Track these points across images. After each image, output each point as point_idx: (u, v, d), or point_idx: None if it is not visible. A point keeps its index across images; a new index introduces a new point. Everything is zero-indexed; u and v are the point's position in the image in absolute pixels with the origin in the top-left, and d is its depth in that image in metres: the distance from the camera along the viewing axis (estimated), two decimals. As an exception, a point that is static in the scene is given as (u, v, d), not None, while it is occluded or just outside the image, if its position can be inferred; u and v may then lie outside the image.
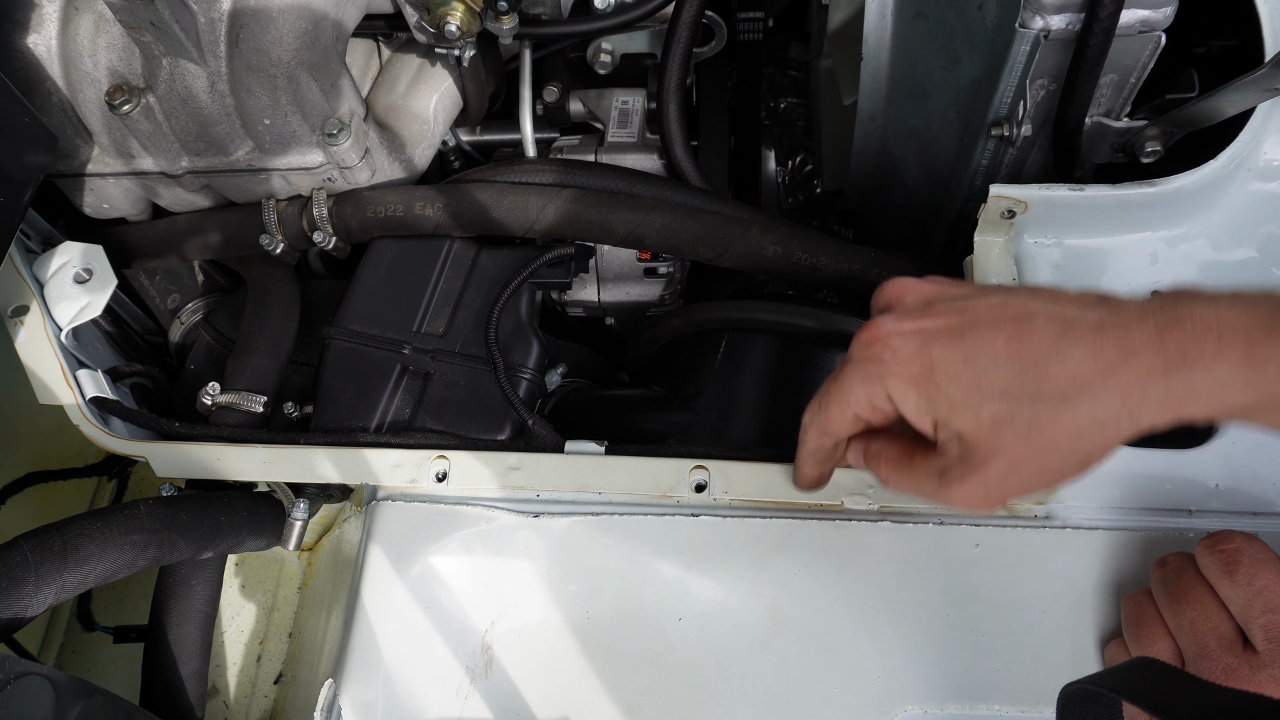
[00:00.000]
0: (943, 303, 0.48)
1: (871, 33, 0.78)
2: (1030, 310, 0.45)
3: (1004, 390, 0.44)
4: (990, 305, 0.46)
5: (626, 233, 0.79)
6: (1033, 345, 0.44)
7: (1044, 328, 0.44)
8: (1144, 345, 0.42)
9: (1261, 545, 0.51)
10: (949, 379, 0.45)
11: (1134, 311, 0.43)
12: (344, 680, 0.62)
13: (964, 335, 0.45)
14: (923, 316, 0.47)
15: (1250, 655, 0.49)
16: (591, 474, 0.67)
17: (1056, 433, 0.44)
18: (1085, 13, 0.62)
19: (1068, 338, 0.43)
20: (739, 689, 0.60)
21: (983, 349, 0.44)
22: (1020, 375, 0.43)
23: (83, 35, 0.74)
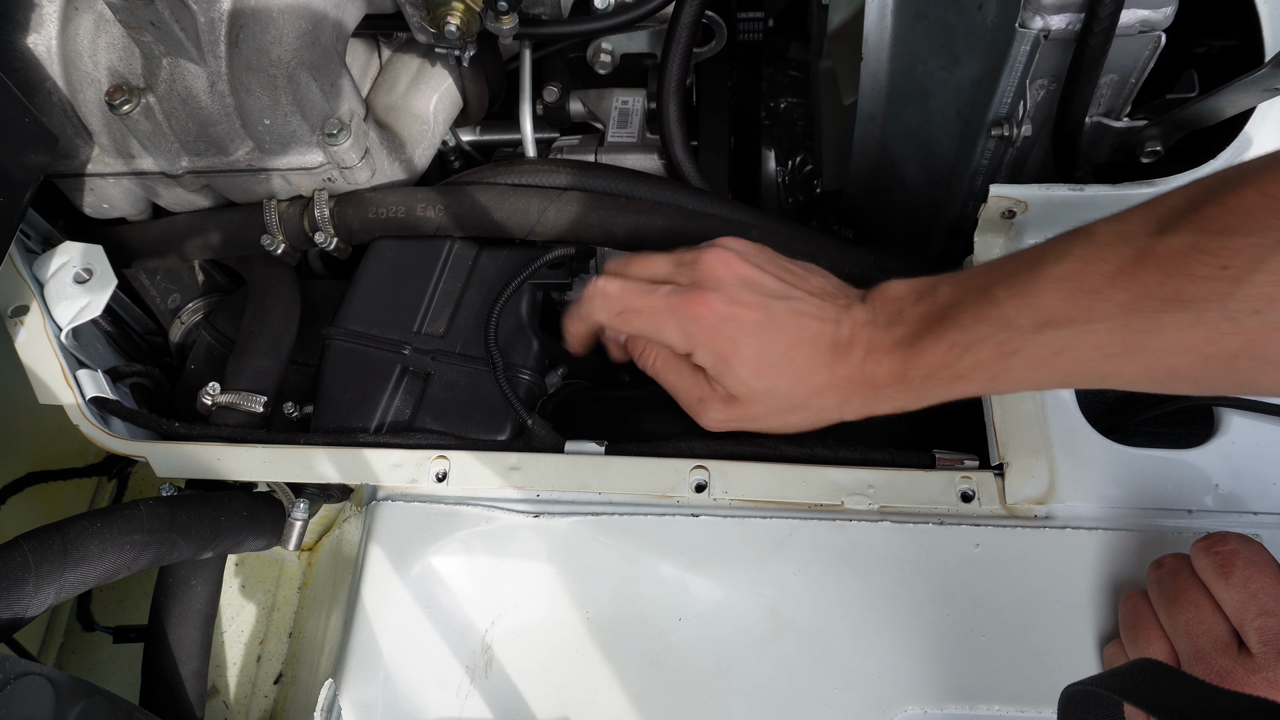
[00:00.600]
0: (753, 293, 0.59)
1: (871, 33, 0.78)
2: (807, 323, 0.58)
3: (773, 383, 0.58)
4: (786, 313, 0.58)
5: (627, 235, 0.79)
6: (801, 356, 0.57)
7: (809, 341, 0.57)
8: (854, 368, 0.56)
9: (1258, 547, 0.51)
10: (741, 362, 0.58)
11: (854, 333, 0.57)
12: (344, 680, 0.62)
13: (764, 332, 0.58)
14: (739, 304, 0.58)
15: (1245, 658, 0.48)
16: (591, 474, 0.67)
17: (792, 415, 0.59)
18: (1085, 13, 0.62)
19: (818, 354, 0.57)
20: (739, 689, 0.60)
21: (774, 349, 0.57)
22: (785, 376, 0.57)
23: (83, 35, 0.74)
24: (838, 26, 0.90)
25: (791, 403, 0.59)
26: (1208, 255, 0.43)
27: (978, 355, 0.52)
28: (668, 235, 0.78)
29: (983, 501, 0.63)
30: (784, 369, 0.58)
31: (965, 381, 0.53)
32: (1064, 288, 0.48)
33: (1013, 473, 0.63)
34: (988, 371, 0.52)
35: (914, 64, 0.78)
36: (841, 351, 0.57)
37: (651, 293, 0.61)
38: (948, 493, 0.63)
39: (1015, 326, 0.50)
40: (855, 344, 0.57)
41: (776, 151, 1.07)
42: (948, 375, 0.53)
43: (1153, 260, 0.45)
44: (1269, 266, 0.41)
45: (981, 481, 0.63)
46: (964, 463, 0.65)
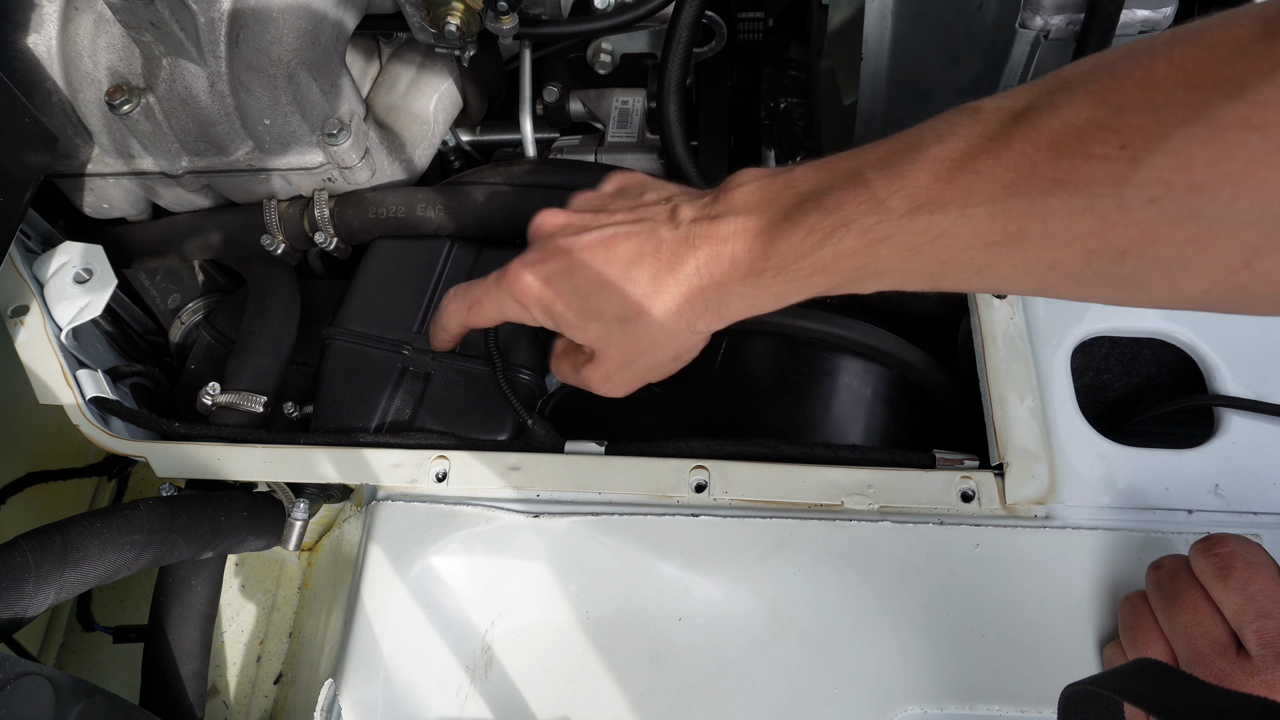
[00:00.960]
0: (563, 238, 0.57)
1: (871, 33, 0.78)
2: (617, 240, 0.55)
3: (598, 312, 0.56)
4: (592, 239, 0.56)
5: None
6: (614, 274, 0.54)
7: (623, 256, 0.54)
8: (686, 269, 0.52)
9: (1257, 549, 0.51)
10: (565, 307, 0.57)
11: (686, 231, 0.52)
12: (344, 680, 0.62)
13: (571, 272, 0.56)
14: (546, 254, 0.57)
15: (1243, 661, 0.48)
16: (591, 474, 0.67)
17: (641, 342, 0.56)
18: (1085, 13, 0.62)
19: (636, 264, 0.54)
20: (739, 689, 0.60)
21: (584, 281, 0.55)
22: (606, 301, 0.55)
23: (83, 35, 0.74)
24: (838, 26, 0.90)
25: (635, 333, 0.55)
26: (1106, 132, 0.38)
27: (841, 242, 0.47)
28: None
29: (983, 501, 0.63)
30: (605, 296, 0.55)
31: (827, 274, 0.48)
32: (943, 168, 0.43)
33: (1013, 473, 0.63)
34: (852, 261, 0.47)
35: (914, 64, 0.78)
36: (666, 254, 0.53)
37: (484, 280, 0.62)
38: (948, 493, 0.63)
39: (886, 209, 0.45)
40: (685, 243, 0.52)
41: (776, 151, 1.07)
42: (806, 266, 0.48)
43: (1043, 135, 0.40)
44: (1172, 146, 0.36)
45: (981, 481, 0.63)
46: (964, 463, 0.65)
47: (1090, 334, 0.69)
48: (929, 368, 0.72)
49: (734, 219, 0.51)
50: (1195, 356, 0.68)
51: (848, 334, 0.70)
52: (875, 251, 0.46)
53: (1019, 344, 0.67)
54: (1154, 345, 0.71)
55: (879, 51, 0.79)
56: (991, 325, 0.68)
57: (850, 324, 0.70)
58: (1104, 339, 0.71)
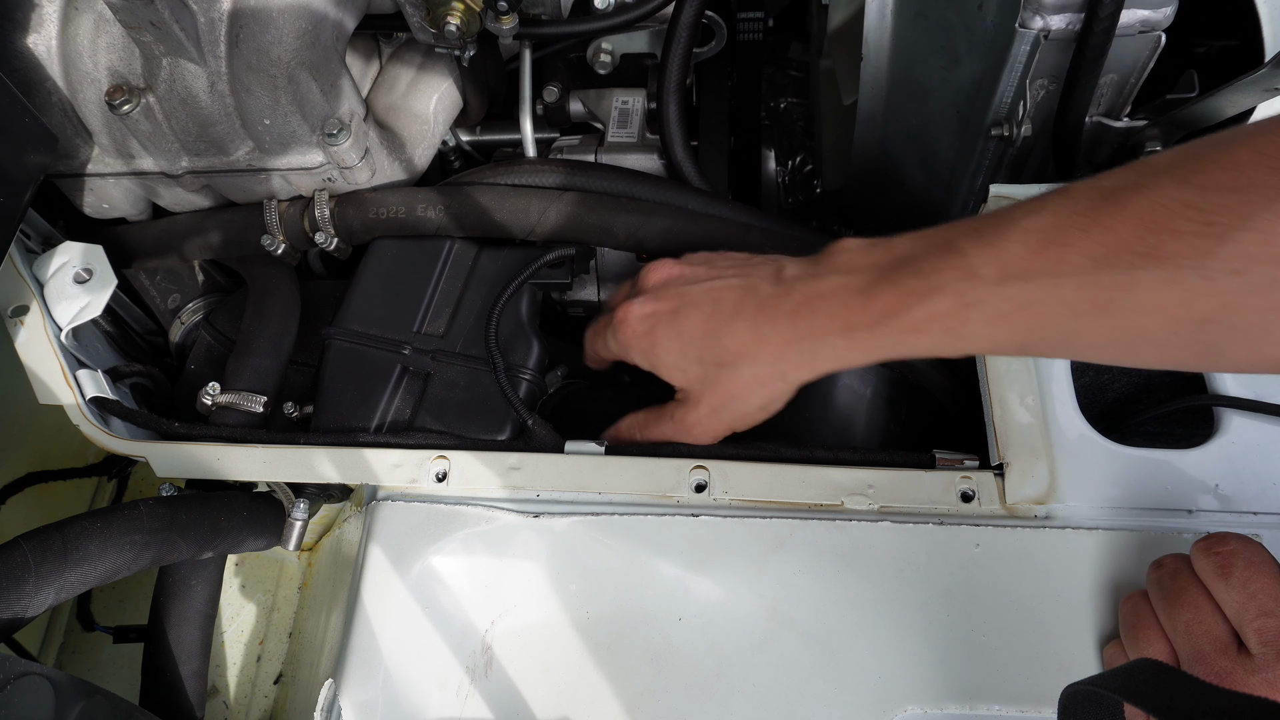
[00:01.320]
0: (672, 286, 0.63)
1: (871, 33, 0.78)
2: (723, 291, 0.60)
3: (699, 357, 0.60)
4: (701, 290, 0.60)
5: (627, 236, 0.79)
6: (718, 322, 0.58)
7: (728, 308, 0.58)
8: (784, 320, 0.56)
9: (1258, 548, 0.51)
10: (665, 350, 0.61)
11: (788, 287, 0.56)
12: (344, 680, 0.62)
13: (677, 316, 0.60)
14: (656, 300, 0.62)
15: (1244, 659, 0.48)
16: (591, 474, 0.67)
17: (734, 387, 0.60)
18: (1085, 13, 0.62)
19: (739, 315, 0.58)
20: (739, 689, 0.60)
21: (689, 327, 0.60)
22: (708, 346, 0.59)
23: (83, 35, 0.74)
24: (838, 26, 0.90)
25: (730, 378, 0.59)
26: (1192, 210, 0.41)
27: (935, 305, 0.49)
28: (667, 236, 0.78)
29: (983, 501, 0.63)
30: (706, 342, 0.59)
31: (919, 335, 0.51)
32: (1034, 240, 0.46)
33: (1013, 473, 0.63)
34: (944, 324, 0.49)
35: (914, 64, 0.78)
36: (769, 306, 0.56)
37: (597, 321, 0.67)
38: (948, 493, 0.63)
39: (979, 276, 0.48)
40: (786, 297, 0.56)
41: (776, 151, 1.07)
42: (899, 325, 0.51)
43: (1132, 213, 0.43)
44: (1256, 224, 0.39)
45: (981, 481, 0.63)
46: (964, 463, 0.65)
47: (1090, 334, 0.69)
48: (928, 367, 0.72)
49: (835, 277, 0.55)
50: (1195, 356, 0.68)
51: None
52: (966, 316, 0.49)
53: (1019, 344, 0.67)
54: (1154, 345, 0.71)
55: (879, 51, 0.79)
56: (991, 325, 0.68)
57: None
58: (1104, 339, 0.71)
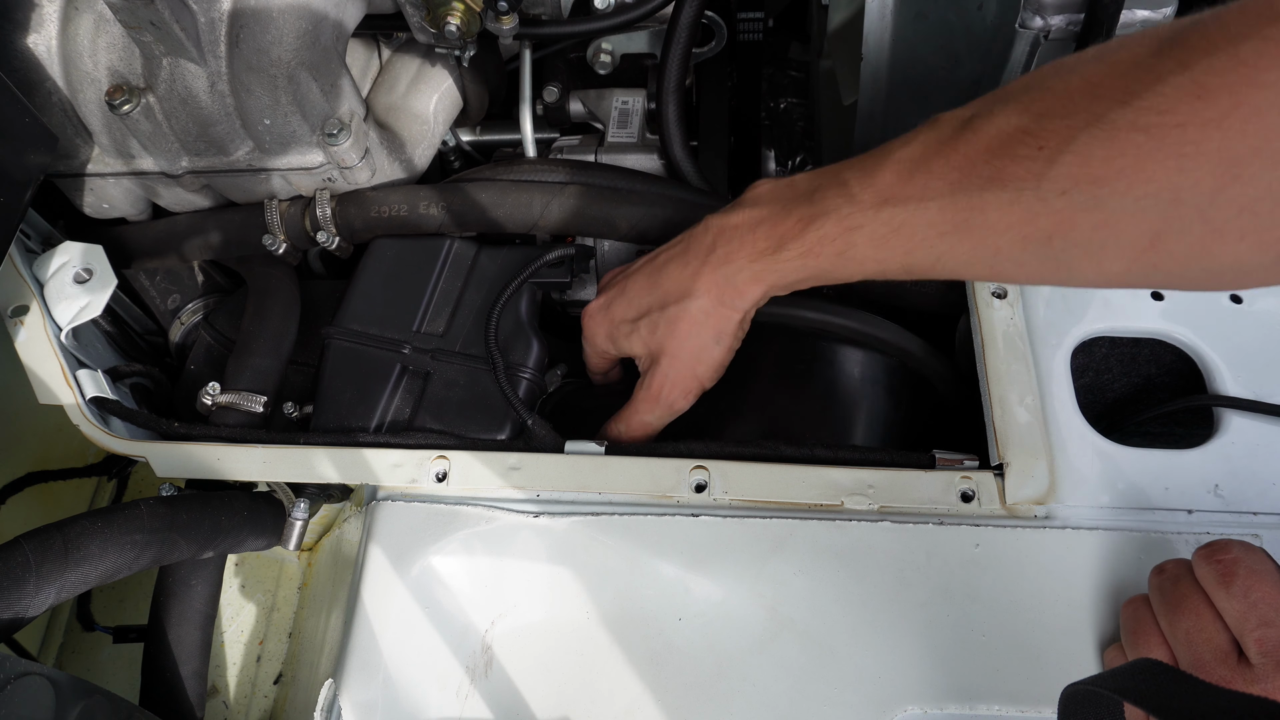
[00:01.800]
0: (619, 275, 0.70)
1: (871, 33, 0.78)
2: (659, 255, 0.66)
3: (645, 310, 0.66)
4: (640, 264, 0.68)
5: (629, 227, 0.79)
6: (654, 275, 0.65)
7: (660, 261, 0.65)
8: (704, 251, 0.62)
9: (1260, 556, 0.51)
10: (621, 319, 0.68)
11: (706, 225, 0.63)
12: (344, 680, 0.62)
13: (624, 291, 0.67)
14: (607, 289, 0.70)
15: (1244, 668, 0.48)
16: (591, 474, 0.67)
17: (682, 324, 0.64)
18: (1085, 13, 0.62)
19: (670, 261, 0.64)
20: (739, 689, 0.60)
21: (633, 291, 0.67)
22: (649, 297, 0.65)
23: (83, 35, 0.74)
24: (838, 26, 0.90)
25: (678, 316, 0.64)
26: (1028, 136, 0.45)
27: (823, 229, 0.56)
28: (669, 227, 0.78)
29: (983, 502, 0.63)
30: (647, 295, 0.65)
31: (814, 258, 0.57)
32: (903, 168, 0.52)
33: (1013, 473, 0.63)
34: (833, 247, 0.55)
35: (914, 64, 0.78)
36: (693, 245, 0.63)
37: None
38: (948, 493, 0.63)
39: (858, 202, 0.54)
40: (705, 233, 0.63)
41: (776, 151, 1.07)
42: (796, 250, 0.57)
43: (981, 139, 0.48)
44: (1077, 147, 0.43)
45: (981, 481, 0.63)
46: (964, 463, 0.65)
47: (1090, 334, 0.69)
48: (927, 355, 0.72)
49: (744, 211, 0.61)
50: (1195, 356, 0.68)
51: (845, 322, 0.70)
52: (851, 239, 0.55)
53: (1019, 344, 0.67)
54: (1154, 345, 0.71)
55: (879, 51, 0.79)
56: (991, 325, 0.68)
57: (848, 312, 0.70)
58: (1104, 339, 0.71)
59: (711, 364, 0.66)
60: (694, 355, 0.65)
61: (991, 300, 0.69)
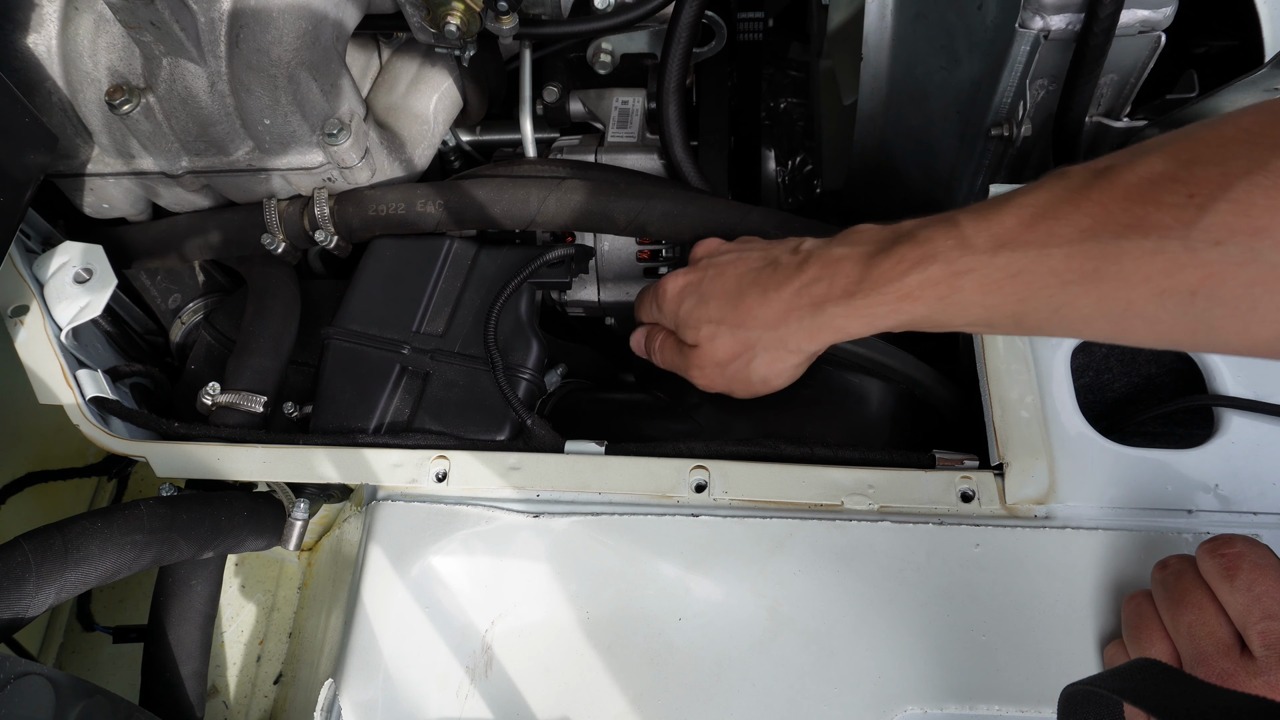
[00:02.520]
0: (708, 259, 0.67)
1: (871, 33, 0.78)
2: (745, 261, 0.64)
3: (718, 319, 0.64)
4: (728, 259, 0.65)
5: (628, 221, 0.79)
6: (737, 288, 0.63)
7: (748, 276, 0.63)
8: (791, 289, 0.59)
9: (1264, 550, 0.51)
10: (686, 311, 0.66)
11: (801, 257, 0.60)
12: (344, 680, 0.62)
13: (702, 283, 0.65)
14: (692, 271, 0.67)
15: (1247, 661, 0.48)
16: (591, 474, 0.67)
17: (737, 346, 0.63)
18: (1085, 13, 0.62)
19: (755, 284, 0.62)
20: (739, 689, 0.60)
21: (709, 289, 0.64)
22: (726, 309, 0.63)
23: (83, 35, 0.74)
24: (838, 26, 0.90)
25: (735, 338, 0.62)
26: (1177, 183, 0.42)
27: (928, 272, 0.52)
28: (667, 219, 0.78)
29: (983, 501, 0.63)
30: (720, 303, 0.63)
31: (913, 301, 0.53)
32: (1026, 214, 0.48)
33: (1012, 473, 0.63)
34: (937, 291, 0.52)
35: (914, 64, 0.78)
36: (780, 275, 0.60)
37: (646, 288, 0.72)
38: (948, 493, 0.63)
39: (971, 246, 0.50)
40: (797, 267, 0.59)
41: (776, 151, 1.07)
42: (894, 292, 0.53)
43: (1119, 186, 0.45)
44: (1234, 195, 0.40)
45: (981, 481, 0.63)
46: (964, 463, 0.65)
47: (1090, 334, 0.69)
48: (935, 384, 0.71)
49: (842, 248, 0.58)
50: (1195, 357, 0.68)
51: (852, 347, 0.69)
52: (958, 283, 0.51)
53: (1019, 344, 0.67)
54: (1154, 345, 0.71)
55: (879, 51, 0.79)
56: (991, 325, 0.68)
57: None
58: (1104, 339, 0.71)
59: (748, 389, 0.66)
60: (735, 378, 0.65)
61: (991, 300, 0.69)
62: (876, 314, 0.55)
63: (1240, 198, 0.40)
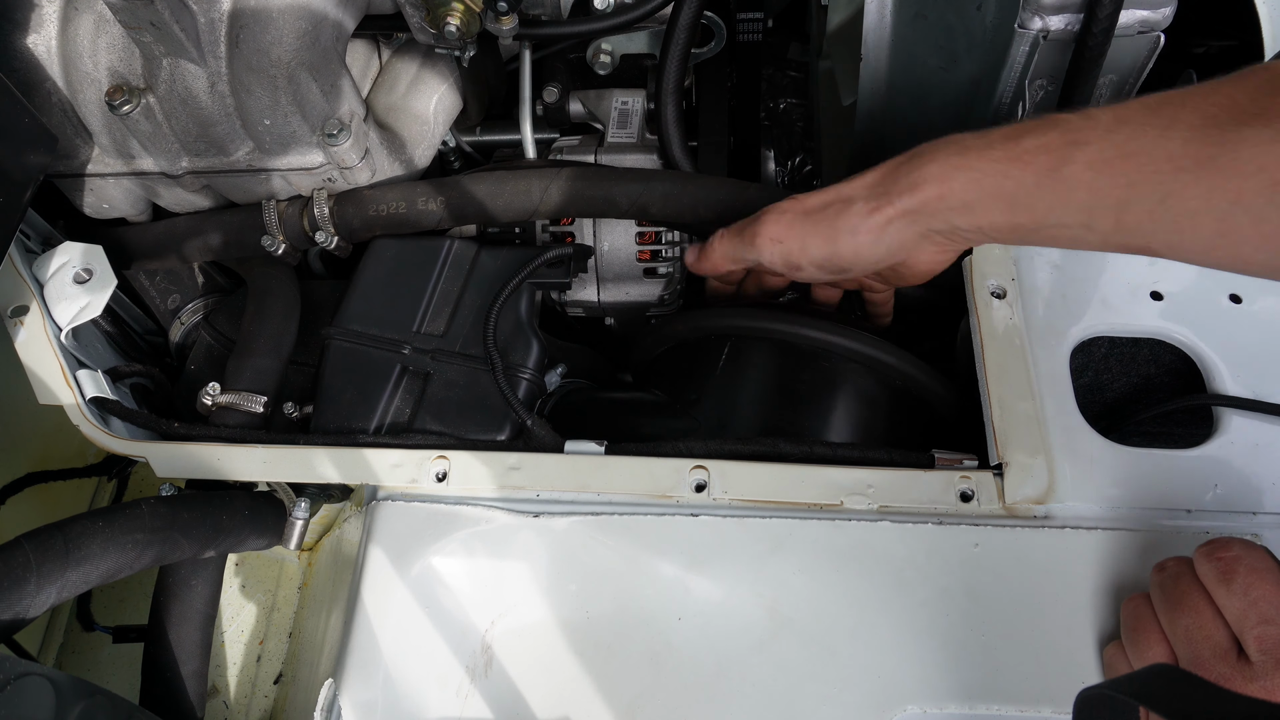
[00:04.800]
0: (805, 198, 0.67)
1: (871, 33, 0.78)
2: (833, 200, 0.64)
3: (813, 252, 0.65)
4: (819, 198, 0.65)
5: (630, 204, 0.79)
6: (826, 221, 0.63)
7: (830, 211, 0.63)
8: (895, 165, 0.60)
9: (1262, 554, 0.51)
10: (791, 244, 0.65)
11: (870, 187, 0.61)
12: (344, 680, 0.62)
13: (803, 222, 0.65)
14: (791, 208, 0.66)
15: (1244, 666, 0.48)
16: (591, 474, 0.67)
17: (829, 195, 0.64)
18: (1084, 13, 0.62)
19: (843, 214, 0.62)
20: (739, 689, 0.60)
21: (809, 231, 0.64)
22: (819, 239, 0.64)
23: (83, 35, 0.74)
24: (837, 27, 0.90)
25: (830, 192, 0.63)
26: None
27: (1043, 136, 0.51)
28: (669, 199, 0.78)
29: (982, 501, 0.63)
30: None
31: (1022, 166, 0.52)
32: (1153, 101, 0.48)
33: (1012, 472, 0.63)
34: (1048, 159, 0.50)
35: (913, 64, 0.78)
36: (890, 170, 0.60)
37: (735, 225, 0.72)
38: (947, 492, 0.63)
39: (1092, 119, 0.49)
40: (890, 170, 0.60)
41: (776, 152, 1.07)
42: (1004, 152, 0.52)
43: (1250, 82, 0.45)
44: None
45: (981, 481, 0.64)
46: (963, 462, 0.65)
47: (1089, 334, 0.69)
48: (932, 380, 0.71)
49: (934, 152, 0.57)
50: (1194, 356, 0.68)
51: (851, 344, 0.69)
52: (1070, 154, 0.49)
53: (1018, 344, 0.67)
54: (1153, 345, 0.71)
55: (878, 51, 0.79)
56: (991, 325, 0.68)
57: (854, 334, 0.70)
58: (1103, 339, 0.71)
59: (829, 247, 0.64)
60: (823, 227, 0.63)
61: (991, 300, 0.69)
62: (982, 171, 0.54)
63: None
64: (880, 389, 0.71)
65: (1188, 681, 0.44)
